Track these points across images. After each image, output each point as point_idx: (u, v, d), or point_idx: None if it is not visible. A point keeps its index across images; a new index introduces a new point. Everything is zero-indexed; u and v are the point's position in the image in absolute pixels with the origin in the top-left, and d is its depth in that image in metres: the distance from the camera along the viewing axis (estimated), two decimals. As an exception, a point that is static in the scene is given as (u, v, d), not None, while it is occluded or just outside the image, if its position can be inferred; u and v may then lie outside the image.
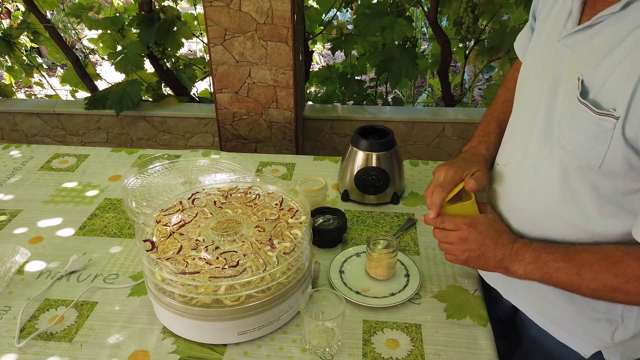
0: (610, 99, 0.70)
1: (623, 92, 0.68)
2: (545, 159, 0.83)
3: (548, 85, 0.82)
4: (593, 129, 0.72)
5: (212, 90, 2.33)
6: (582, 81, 0.74)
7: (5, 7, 3.46)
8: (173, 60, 2.45)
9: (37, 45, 3.55)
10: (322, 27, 2.51)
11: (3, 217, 1.31)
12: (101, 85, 2.73)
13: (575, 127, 0.75)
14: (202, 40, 2.80)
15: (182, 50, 3.38)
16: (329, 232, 1.18)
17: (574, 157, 0.77)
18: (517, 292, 0.98)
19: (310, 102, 2.51)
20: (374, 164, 1.31)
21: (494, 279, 1.03)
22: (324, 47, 3.28)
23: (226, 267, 0.89)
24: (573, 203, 0.81)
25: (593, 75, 0.73)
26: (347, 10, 2.74)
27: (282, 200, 1.08)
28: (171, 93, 2.58)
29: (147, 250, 0.93)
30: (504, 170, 0.94)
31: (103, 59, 4.73)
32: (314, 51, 2.75)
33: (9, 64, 2.70)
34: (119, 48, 2.47)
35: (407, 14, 2.26)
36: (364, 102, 2.53)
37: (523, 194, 0.89)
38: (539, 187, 0.85)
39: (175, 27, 2.34)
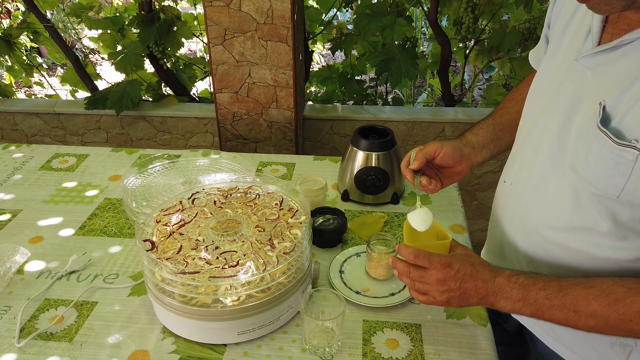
0: (633, 129, 0.66)
1: None
2: (555, 181, 0.80)
3: (564, 105, 0.78)
4: (612, 158, 0.68)
5: (212, 90, 2.33)
6: (604, 107, 0.70)
7: (5, 7, 3.46)
8: (173, 60, 2.45)
9: (37, 45, 3.55)
10: (322, 27, 2.50)
11: (3, 217, 1.31)
12: (101, 85, 2.73)
13: (593, 155, 0.72)
14: (202, 40, 2.80)
15: (182, 50, 3.39)
16: (329, 232, 1.18)
17: (588, 184, 0.74)
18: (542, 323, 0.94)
19: (310, 102, 2.51)
20: (373, 164, 1.31)
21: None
22: (324, 47, 3.28)
23: (226, 267, 0.89)
24: (583, 228, 0.78)
25: (616, 102, 0.69)
26: (347, 10, 2.74)
27: (282, 200, 1.08)
28: (171, 93, 2.58)
29: (147, 250, 0.93)
30: (511, 188, 0.92)
31: (103, 58, 4.73)
32: (314, 51, 2.75)
33: (9, 63, 2.69)
34: (119, 48, 2.47)
35: (407, 13, 2.26)
36: (364, 102, 2.53)
37: (530, 215, 0.86)
38: (548, 209, 0.82)
39: (175, 27, 2.33)
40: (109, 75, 4.15)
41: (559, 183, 0.80)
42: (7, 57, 2.60)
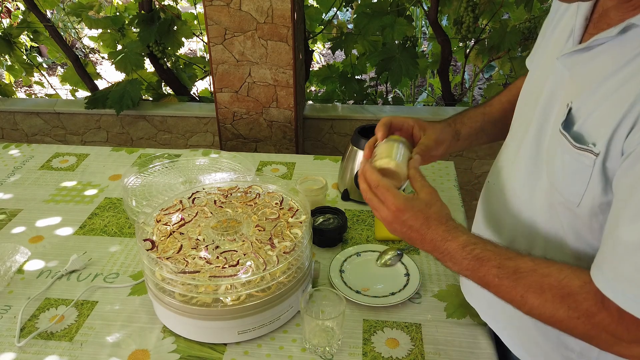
0: (592, 133, 0.64)
1: (606, 126, 0.62)
2: (532, 184, 0.78)
3: (542, 106, 0.77)
4: (573, 163, 0.66)
5: (212, 89, 2.33)
6: (570, 109, 0.68)
7: (6, 7, 3.46)
8: (173, 59, 2.45)
9: (37, 45, 3.55)
10: (322, 27, 2.50)
11: (3, 217, 1.31)
12: (101, 84, 2.73)
13: (557, 159, 0.69)
14: (202, 40, 2.80)
15: (182, 50, 3.39)
16: (329, 232, 1.18)
17: (555, 190, 0.71)
18: (495, 316, 0.92)
19: (310, 102, 2.51)
20: (374, 163, 1.31)
21: (475, 299, 0.97)
22: (324, 47, 3.28)
23: (226, 266, 0.89)
24: (557, 234, 0.75)
25: (582, 104, 0.66)
26: (347, 10, 2.74)
27: (282, 200, 1.08)
28: (171, 92, 2.58)
29: (147, 250, 0.93)
30: (493, 188, 0.91)
31: (103, 58, 4.73)
32: (314, 50, 2.75)
33: (9, 63, 2.69)
34: (119, 47, 2.47)
35: (407, 13, 2.26)
36: (364, 102, 2.53)
37: (510, 216, 0.84)
38: (523, 212, 0.80)
39: (176, 27, 2.33)
40: (109, 74, 4.15)
41: (535, 184, 0.77)
42: (7, 56, 2.60)
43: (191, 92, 2.61)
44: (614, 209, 0.62)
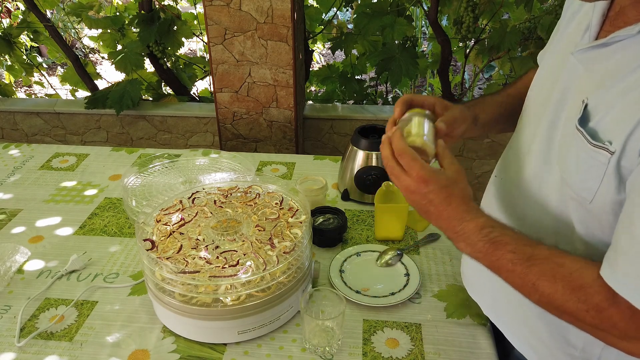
0: (608, 131, 0.64)
1: (624, 125, 0.62)
2: (543, 178, 0.78)
3: (554, 100, 0.76)
4: (587, 160, 0.66)
5: (212, 89, 2.33)
6: (586, 105, 0.67)
7: (6, 7, 3.46)
8: (173, 59, 2.45)
9: (37, 45, 3.56)
10: (322, 27, 2.50)
11: (3, 217, 1.31)
12: (101, 84, 2.73)
13: (571, 155, 0.69)
14: (202, 40, 2.80)
15: (182, 50, 3.39)
16: (329, 232, 1.18)
17: (567, 186, 0.71)
18: (498, 310, 0.92)
19: (310, 102, 2.51)
20: (374, 163, 1.31)
21: (477, 294, 0.97)
22: (324, 47, 3.28)
23: (226, 266, 0.89)
24: (567, 228, 0.75)
25: (598, 102, 0.66)
26: (347, 10, 2.74)
27: (282, 200, 1.08)
28: (171, 92, 2.58)
29: (147, 250, 0.93)
30: (501, 182, 0.91)
31: (103, 58, 4.73)
32: (314, 50, 2.75)
33: (9, 63, 2.70)
34: (119, 47, 2.47)
35: (407, 13, 2.26)
36: (364, 102, 2.53)
37: (519, 209, 0.84)
38: (533, 208, 0.80)
39: (176, 27, 2.33)
40: (109, 74, 4.15)
41: (546, 180, 0.77)
42: (7, 56, 2.60)
43: (191, 92, 2.61)
44: (627, 207, 0.62)
